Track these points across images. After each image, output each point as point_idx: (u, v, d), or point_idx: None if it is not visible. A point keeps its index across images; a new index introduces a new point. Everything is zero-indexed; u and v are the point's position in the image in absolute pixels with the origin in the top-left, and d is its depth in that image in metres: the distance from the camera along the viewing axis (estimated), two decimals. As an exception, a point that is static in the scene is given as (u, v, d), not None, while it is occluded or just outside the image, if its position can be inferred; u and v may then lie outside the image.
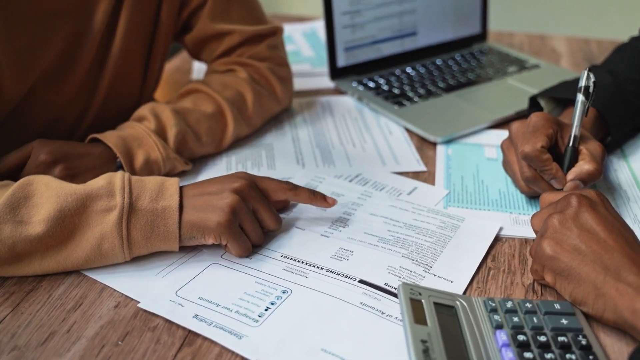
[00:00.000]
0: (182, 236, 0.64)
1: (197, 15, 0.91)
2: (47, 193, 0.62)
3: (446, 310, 0.56)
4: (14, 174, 0.74)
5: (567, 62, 1.20)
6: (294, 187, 0.70)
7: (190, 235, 0.64)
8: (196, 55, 0.98)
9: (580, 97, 0.72)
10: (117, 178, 0.64)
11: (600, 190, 0.79)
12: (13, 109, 0.78)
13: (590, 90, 0.72)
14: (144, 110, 0.82)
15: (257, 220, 0.67)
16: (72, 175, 0.73)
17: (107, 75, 0.85)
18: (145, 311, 0.59)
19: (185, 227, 0.63)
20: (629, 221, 0.73)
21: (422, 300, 0.56)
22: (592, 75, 0.73)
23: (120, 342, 0.56)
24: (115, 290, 0.62)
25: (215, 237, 0.64)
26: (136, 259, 0.65)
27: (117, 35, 0.84)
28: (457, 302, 0.58)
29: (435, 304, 0.56)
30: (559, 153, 0.74)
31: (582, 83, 0.73)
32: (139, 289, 0.62)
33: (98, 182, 0.64)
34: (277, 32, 0.96)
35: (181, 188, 0.66)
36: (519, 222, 0.73)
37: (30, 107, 0.80)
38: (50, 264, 0.62)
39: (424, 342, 0.51)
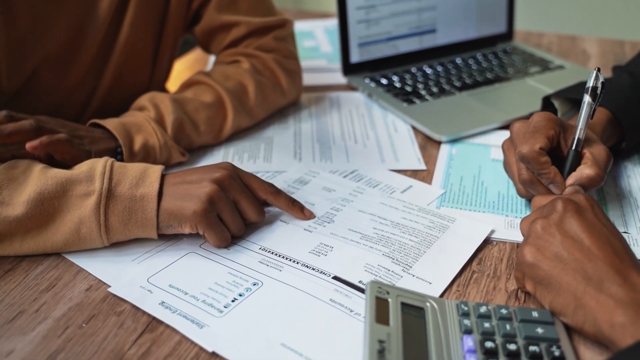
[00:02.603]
0: (160, 224, 0.64)
1: (206, 7, 0.91)
2: (30, 176, 0.63)
3: (414, 312, 0.54)
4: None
5: (596, 63, 1.14)
6: (275, 191, 0.69)
7: (167, 224, 0.64)
8: (206, 47, 0.98)
9: (586, 98, 0.68)
10: (99, 164, 0.64)
11: (608, 196, 0.75)
12: (17, 92, 0.80)
13: (598, 91, 0.69)
14: (143, 100, 0.83)
15: (238, 211, 0.66)
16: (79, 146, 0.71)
17: (113, 64, 0.86)
18: (115, 296, 0.59)
19: (162, 214, 0.63)
20: (633, 230, 0.68)
21: (389, 300, 0.54)
22: (600, 76, 0.69)
23: (84, 325, 0.56)
24: (90, 273, 0.62)
25: (192, 226, 0.63)
26: (116, 245, 0.65)
27: (125, 24, 0.84)
28: (427, 304, 0.55)
29: (403, 304, 0.54)
30: (562, 156, 0.70)
31: (590, 83, 0.69)
32: (113, 274, 0.62)
33: (81, 167, 0.64)
34: (285, 24, 0.95)
35: (164, 176, 0.66)
36: (513, 226, 0.70)
37: (34, 91, 0.81)
38: (30, 245, 0.63)
39: (381, 342, 0.49)
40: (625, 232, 0.68)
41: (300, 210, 0.70)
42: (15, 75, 0.77)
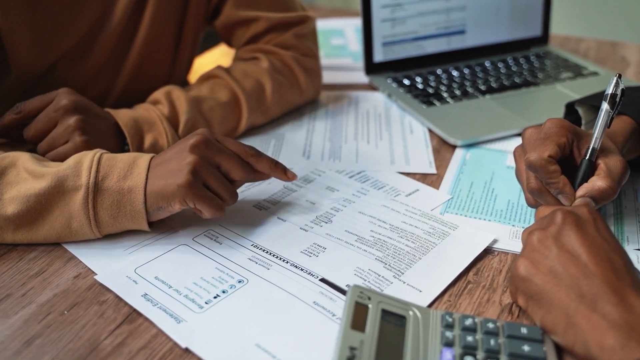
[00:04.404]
0: (149, 209, 0.62)
1: (225, 2, 0.91)
2: (17, 172, 0.63)
3: (394, 320, 0.52)
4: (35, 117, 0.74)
5: (635, 71, 1.09)
6: (256, 154, 0.67)
7: (157, 206, 0.62)
8: (227, 41, 0.98)
9: (604, 106, 0.65)
10: (87, 157, 0.63)
11: (626, 210, 0.71)
12: (33, 84, 0.82)
13: (617, 99, 0.65)
14: (160, 94, 0.82)
15: (223, 175, 0.65)
16: (85, 130, 0.72)
17: (132, 58, 0.87)
18: (101, 285, 0.59)
19: (150, 199, 0.62)
20: (648, 248, 0.64)
21: (369, 306, 0.52)
22: (621, 83, 0.65)
23: (66, 312, 0.56)
24: (81, 261, 0.63)
25: (180, 201, 0.62)
26: (110, 234, 0.65)
27: (144, 20, 0.85)
28: (410, 313, 0.53)
29: (384, 311, 0.52)
30: (575, 166, 0.66)
31: (609, 90, 0.65)
32: (103, 263, 0.62)
33: (68, 162, 0.63)
34: (305, 21, 0.94)
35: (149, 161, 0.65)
36: (518, 236, 0.67)
37: (50, 83, 0.82)
38: (22, 239, 0.63)
39: (352, 349, 0.47)
40: (638, 250, 0.64)
41: (282, 172, 0.68)
42: (36, 67, 0.78)
